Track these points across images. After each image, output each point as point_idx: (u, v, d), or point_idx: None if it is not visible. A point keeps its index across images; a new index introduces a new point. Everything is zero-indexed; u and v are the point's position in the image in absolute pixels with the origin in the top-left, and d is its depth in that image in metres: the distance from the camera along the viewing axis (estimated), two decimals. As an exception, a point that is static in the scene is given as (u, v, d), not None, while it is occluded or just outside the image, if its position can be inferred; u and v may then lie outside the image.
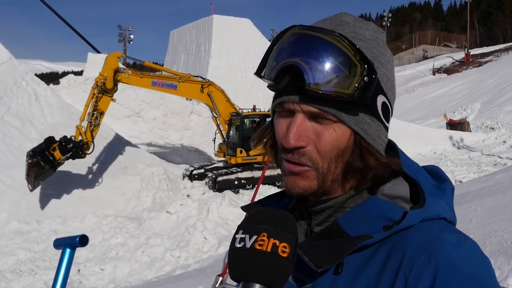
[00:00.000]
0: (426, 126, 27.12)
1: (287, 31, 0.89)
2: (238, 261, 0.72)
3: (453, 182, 13.45)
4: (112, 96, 12.69)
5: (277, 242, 0.70)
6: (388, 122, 0.93)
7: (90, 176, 13.59)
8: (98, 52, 26.44)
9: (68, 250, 1.06)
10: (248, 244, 0.71)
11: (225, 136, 14.89)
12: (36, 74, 27.46)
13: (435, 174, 0.97)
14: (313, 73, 0.83)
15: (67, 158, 12.00)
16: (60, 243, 1.07)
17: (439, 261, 0.77)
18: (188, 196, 12.39)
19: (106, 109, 12.68)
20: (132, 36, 52.61)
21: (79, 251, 9.99)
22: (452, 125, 26.43)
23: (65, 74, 24.52)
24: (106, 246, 10.19)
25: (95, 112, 12.30)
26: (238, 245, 0.73)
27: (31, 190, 11.53)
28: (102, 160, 14.30)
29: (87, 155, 12.59)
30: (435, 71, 54.53)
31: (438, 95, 41.05)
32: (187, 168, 15.07)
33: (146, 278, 8.74)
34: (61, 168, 12.82)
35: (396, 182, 0.90)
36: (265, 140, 0.99)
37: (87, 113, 12.40)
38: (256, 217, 0.76)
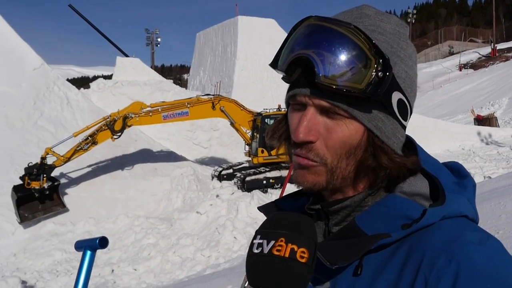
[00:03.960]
0: (453, 122, 26.75)
1: (303, 22, 0.86)
2: (256, 267, 0.71)
3: (482, 178, 13.06)
4: (113, 136, 12.57)
5: (295, 247, 0.69)
6: (405, 120, 0.89)
7: (121, 178, 13.83)
8: (126, 55, 26.91)
9: (88, 252, 1.07)
10: (266, 250, 0.70)
11: (249, 138, 14.97)
12: (68, 79, 28.18)
13: (456, 170, 0.93)
14: (324, 66, 0.80)
15: (45, 180, 11.78)
16: (80, 245, 1.09)
17: (460, 261, 0.74)
18: (217, 196, 12.47)
19: (100, 142, 12.57)
20: (159, 40, 53.24)
21: (113, 252, 10.21)
22: (480, 120, 26.02)
23: (95, 78, 25.03)
24: (138, 246, 10.36)
25: (90, 138, 12.25)
26: (256, 251, 0.71)
27: (19, 222, 11.44)
28: (133, 162, 14.55)
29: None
30: (462, 66, 53.53)
31: (465, 91, 40.29)
32: (215, 169, 15.17)
33: (177, 278, 8.85)
34: (94, 170, 13.13)
35: (414, 179, 0.87)
36: (279, 133, 0.96)
37: (83, 133, 12.32)
38: (274, 221, 0.74)
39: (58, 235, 11.01)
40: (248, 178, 13.66)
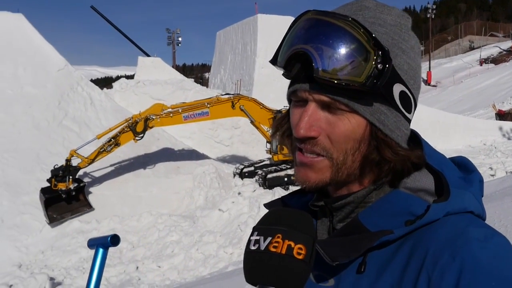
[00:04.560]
0: (475, 117, 26.37)
1: (301, 17, 0.85)
2: (253, 264, 0.70)
3: (504, 173, 12.75)
4: (135, 138, 12.68)
5: (292, 244, 0.68)
6: (409, 113, 0.87)
7: (144, 177, 14.01)
8: (148, 55, 27.18)
9: (101, 250, 1.07)
10: (263, 246, 0.69)
11: (269, 135, 14.98)
12: (92, 80, 28.66)
13: (463, 165, 0.91)
14: (323, 60, 0.79)
15: (71, 181, 11.96)
16: (93, 243, 1.09)
17: (464, 258, 0.72)
18: (239, 193, 12.52)
19: (123, 144, 12.70)
20: (180, 39, 53.47)
21: (138, 249, 10.36)
22: (502, 115, 25.62)
23: (118, 78, 25.38)
24: (162, 244, 10.48)
25: (113, 140, 12.41)
26: (252, 247, 0.71)
27: (48, 223, 11.66)
28: (156, 161, 14.72)
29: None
30: (482, 61, 52.55)
31: (486, 86, 39.59)
32: (237, 166, 15.23)
33: (200, 275, 8.93)
34: (117, 169, 13.35)
35: (419, 175, 0.85)
36: (282, 130, 0.95)
37: (107, 136, 12.49)
38: (271, 218, 0.73)
39: (83, 233, 11.22)
40: (269, 176, 13.69)
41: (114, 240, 1.06)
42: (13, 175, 12.86)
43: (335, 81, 0.78)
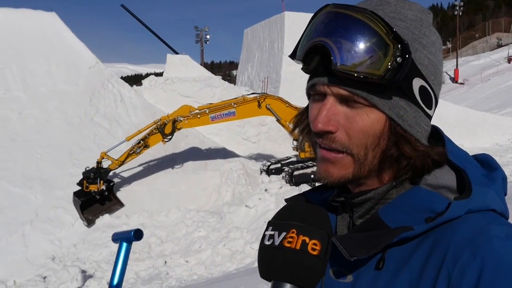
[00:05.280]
0: (502, 115, 25.63)
1: (321, 10, 0.85)
2: (267, 259, 0.69)
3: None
4: (164, 139, 12.76)
5: (307, 239, 0.67)
6: (430, 109, 0.86)
7: (173, 173, 14.20)
8: (176, 53, 27.42)
9: (124, 244, 1.09)
10: (277, 242, 0.68)
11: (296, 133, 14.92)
12: (122, 77, 29.08)
13: (486, 162, 0.88)
14: (341, 53, 0.78)
15: (102, 183, 12.14)
16: (117, 237, 1.10)
17: (485, 256, 0.70)
18: (266, 190, 12.55)
19: (152, 146, 12.82)
20: (208, 37, 53.70)
21: (166, 244, 10.52)
22: (530, 114, 24.80)
23: (147, 75, 25.73)
24: (189, 239, 10.61)
25: (142, 142, 12.53)
26: (267, 243, 0.70)
27: (87, 226, 11.85)
28: (184, 157, 14.89)
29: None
30: (510, 59, 50.92)
31: (514, 84, 38.40)
32: (264, 163, 15.26)
33: (227, 270, 9.00)
34: (147, 165, 13.57)
35: (440, 172, 0.84)
36: (302, 126, 0.94)
37: (136, 137, 12.61)
38: (285, 212, 0.72)
39: (114, 227, 11.44)
40: (296, 173, 13.69)
41: (137, 234, 1.07)
42: (47, 170, 13.22)
43: (355, 74, 0.78)
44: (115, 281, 1.03)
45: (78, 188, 12.17)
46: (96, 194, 12.07)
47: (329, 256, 0.69)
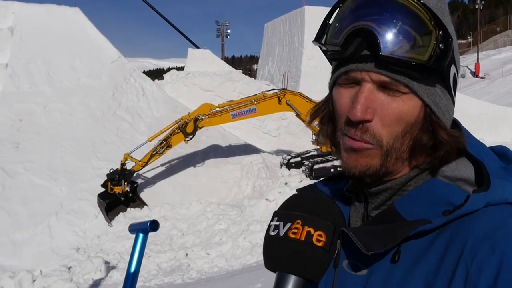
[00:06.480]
0: (523, 110, 25.05)
1: None
2: (272, 250, 0.68)
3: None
4: (186, 139, 12.80)
5: (312, 230, 0.65)
6: (455, 95, 0.85)
7: (194, 166, 14.32)
8: (198, 47, 27.55)
9: (141, 235, 1.09)
10: (282, 232, 0.67)
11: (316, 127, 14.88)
12: (144, 71, 29.41)
13: (503, 154, 0.86)
14: (386, 38, 0.75)
15: (126, 184, 12.21)
16: (133, 228, 1.10)
17: (504, 251, 0.68)
18: (286, 184, 12.57)
19: (174, 145, 12.86)
20: (229, 31, 53.77)
21: (187, 236, 10.63)
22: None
23: (169, 70, 25.92)
24: (210, 232, 10.70)
25: (164, 142, 12.57)
26: (272, 233, 0.69)
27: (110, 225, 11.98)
28: (205, 151, 15.00)
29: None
30: None
31: (536, 78, 37.42)
32: (284, 157, 15.27)
33: (247, 263, 9.06)
34: (168, 159, 13.72)
35: (458, 164, 0.82)
36: (322, 115, 0.91)
37: (158, 138, 12.65)
38: (291, 203, 0.71)
39: (136, 220, 11.60)
40: (316, 166, 13.69)
41: (153, 225, 1.07)
42: (71, 163, 13.47)
43: (401, 59, 0.75)
44: (132, 269, 1.05)
45: (102, 182, 12.32)
46: (120, 196, 12.19)
47: (342, 249, 0.69)
